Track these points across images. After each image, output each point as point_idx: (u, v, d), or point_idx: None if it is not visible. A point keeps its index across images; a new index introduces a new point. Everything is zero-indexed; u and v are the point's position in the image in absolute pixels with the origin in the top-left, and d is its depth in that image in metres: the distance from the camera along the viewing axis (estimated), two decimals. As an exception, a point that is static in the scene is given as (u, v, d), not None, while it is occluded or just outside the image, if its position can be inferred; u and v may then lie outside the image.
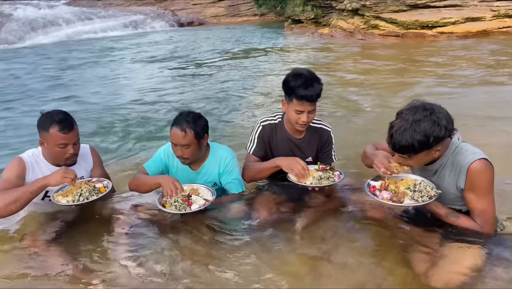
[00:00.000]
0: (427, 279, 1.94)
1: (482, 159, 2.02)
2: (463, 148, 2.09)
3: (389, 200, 2.10)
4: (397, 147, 2.00)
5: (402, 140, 1.95)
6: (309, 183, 2.48)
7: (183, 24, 24.12)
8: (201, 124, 2.55)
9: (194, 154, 2.55)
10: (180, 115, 2.55)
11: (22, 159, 2.52)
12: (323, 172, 2.53)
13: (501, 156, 2.93)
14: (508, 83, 6.26)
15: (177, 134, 2.46)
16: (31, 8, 23.75)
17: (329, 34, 13.76)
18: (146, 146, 4.52)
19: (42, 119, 2.47)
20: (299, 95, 2.47)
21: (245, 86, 7.39)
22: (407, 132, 1.93)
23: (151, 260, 2.20)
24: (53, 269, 2.17)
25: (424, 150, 1.98)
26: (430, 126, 1.92)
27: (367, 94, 6.26)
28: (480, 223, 2.07)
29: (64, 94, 7.57)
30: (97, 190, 2.49)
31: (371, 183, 2.25)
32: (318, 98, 2.53)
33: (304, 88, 2.46)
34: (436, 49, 9.90)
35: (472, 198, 2.06)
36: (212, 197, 2.46)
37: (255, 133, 2.78)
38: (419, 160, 2.05)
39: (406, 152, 2.00)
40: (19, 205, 2.27)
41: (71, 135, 2.46)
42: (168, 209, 2.37)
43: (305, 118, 2.53)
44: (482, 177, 2.02)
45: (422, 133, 1.92)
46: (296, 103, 2.51)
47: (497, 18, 11.64)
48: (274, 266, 2.13)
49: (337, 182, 2.52)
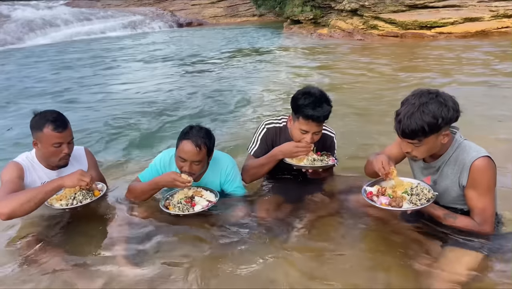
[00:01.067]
0: (428, 280, 1.93)
1: (486, 157, 2.01)
2: (466, 145, 2.08)
3: (388, 205, 2.08)
4: (406, 132, 1.93)
5: (412, 124, 1.90)
6: (303, 164, 2.49)
7: (182, 24, 24.16)
8: (213, 141, 2.48)
9: (201, 170, 2.49)
10: (191, 129, 2.43)
11: (18, 162, 2.50)
12: (318, 156, 2.55)
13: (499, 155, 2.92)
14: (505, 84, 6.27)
15: (191, 149, 2.35)
16: (30, 8, 23.79)
17: (328, 35, 13.78)
18: (144, 146, 4.50)
19: (36, 120, 2.44)
20: (306, 114, 2.40)
21: (244, 87, 7.37)
22: (415, 115, 1.90)
23: (150, 261, 2.19)
24: (50, 270, 2.15)
25: (434, 132, 1.93)
26: (437, 108, 1.90)
27: (367, 94, 6.26)
28: (479, 221, 2.06)
29: (61, 96, 7.52)
30: (91, 194, 2.46)
31: (367, 189, 2.23)
32: (325, 120, 2.47)
33: (312, 108, 2.38)
34: (435, 49, 9.91)
35: (473, 196, 2.05)
36: (215, 198, 2.44)
37: (258, 135, 2.75)
38: (429, 145, 2.00)
39: (416, 136, 1.94)
40: (33, 205, 2.23)
41: (65, 134, 2.43)
42: (171, 210, 2.35)
43: (309, 139, 2.47)
44: (484, 174, 2.01)
45: (430, 115, 1.89)
46: (302, 122, 2.45)
47: (495, 18, 11.67)
48: (275, 267, 2.12)
49: (330, 164, 2.52)
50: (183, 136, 2.41)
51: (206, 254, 2.23)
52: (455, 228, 2.10)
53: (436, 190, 2.17)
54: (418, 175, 2.31)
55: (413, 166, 2.36)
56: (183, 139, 2.39)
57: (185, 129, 2.46)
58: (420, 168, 2.28)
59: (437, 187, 2.18)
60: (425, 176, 2.25)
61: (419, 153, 2.04)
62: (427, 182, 2.21)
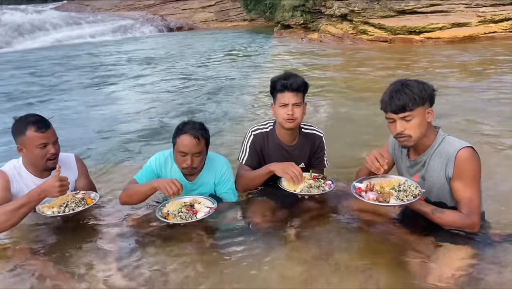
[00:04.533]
0: (421, 279, 1.95)
1: (469, 147, 2.09)
2: (450, 138, 2.18)
3: (375, 200, 2.12)
4: (398, 104, 2.07)
5: (402, 96, 2.06)
6: (298, 190, 2.46)
7: (172, 29, 24.13)
8: (209, 133, 2.54)
9: (202, 163, 2.50)
10: (186, 124, 2.47)
11: (4, 172, 2.46)
12: (314, 181, 2.51)
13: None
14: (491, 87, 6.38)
15: (190, 141, 2.39)
16: (19, 13, 23.55)
17: (318, 39, 13.87)
18: (135, 153, 4.48)
19: (16, 125, 2.40)
20: (280, 85, 2.52)
21: (234, 91, 7.39)
22: (402, 90, 2.08)
23: (142, 269, 2.16)
24: (40, 279, 2.12)
25: (421, 102, 2.08)
26: (418, 84, 2.11)
27: (356, 98, 6.30)
28: (466, 212, 2.08)
29: (46, 102, 7.46)
30: (84, 202, 2.44)
31: (356, 185, 2.28)
32: (301, 89, 2.54)
33: (283, 79, 2.53)
34: (423, 53, 10.03)
35: (459, 187, 2.09)
36: (213, 204, 2.41)
37: (246, 143, 2.75)
38: (419, 120, 2.09)
39: (407, 106, 2.06)
40: (17, 220, 2.24)
41: (49, 134, 2.39)
42: (172, 220, 2.29)
43: (290, 111, 2.52)
44: (469, 164, 2.07)
45: (415, 88, 2.08)
46: (279, 97, 2.54)
47: (483, 23, 11.85)
48: (269, 272, 2.12)
49: (327, 191, 2.49)
50: (179, 132, 2.44)
51: (200, 261, 2.21)
52: (444, 224, 2.13)
53: (425, 185, 2.21)
54: (405, 175, 2.33)
55: (400, 168, 2.41)
56: (180, 135, 2.42)
57: (179, 126, 2.49)
58: (406, 167, 2.33)
59: (426, 183, 2.22)
60: (412, 175, 2.30)
61: (412, 129, 2.11)
62: (415, 180, 2.25)
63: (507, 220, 2.45)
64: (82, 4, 29.34)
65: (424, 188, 2.16)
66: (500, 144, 3.94)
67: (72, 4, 30.03)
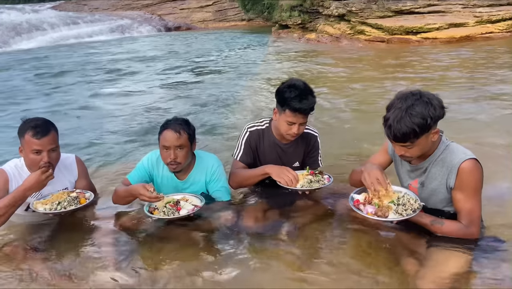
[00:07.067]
0: (415, 280, 1.95)
1: (473, 159, 2.05)
2: (454, 147, 2.12)
3: (374, 215, 2.10)
4: (398, 136, 1.97)
5: (402, 128, 1.94)
6: (299, 187, 2.47)
7: (170, 28, 24.08)
8: (192, 128, 2.57)
9: (186, 158, 2.52)
10: (170, 120, 2.54)
11: (4, 170, 2.47)
12: (313, 176, 2.54)
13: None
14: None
15: (171, 135, 2.44)
16: (16, 12, 23.49)
17: (316, 39, 13.87)
18: (130, 153, 4.48)
19: (21, 126, 2.43)
20: (293, 107, 2.45)
21: (231, 91, 7.37)
22: (405, 119, 1.93)
23: (135, 267, 2.17)
24: (35, 278, 2.12)
25: (424, 132, 1.96)
26: (424, 108, 1.94)
27: (353, 100, 6.30)
28: (466, 223, 2.08)
29: (46, 102, 7.45)
30: (77, 201, 2.44)
31: (354, 197, 2.25)
32: (311, 111, 2.53)
33: (298, 100, 2.44)
34: (420, 54, 10.04)
35: (461, 198, 2.08)
36: (200, 203, 2.43)
37: (242, 139, 2.76)
38: (421, 146, 2.03)
39: (408, 139, 1.97)
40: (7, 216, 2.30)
41: (44, 141, 2.37)
42: (156, 215, 2.34)
43: (296, 130, 2.53)
44: (472, 176, 2.04)
45: (419, 116, 1.93)
46: (288, 115, 2.49)
47: (480, 24, 11.88)
48: (262, 272, 2.12)
49: (327, 184, 2.52)
50: (162, 128, 2.52)
51: (192, 261, 2.22)
52: (443, 234, 2.12)
53: (424, 192, 2.19)
54: (405, 179, 2.32)
55: (399, 170, 2.38)
56: (163, 130, 2.49)
57: (163, 123, 2.56)
58: (407, 171, 2.29)
59: (425, 189, 2.20)
60: (412, 179, 2.27)
61: (413, 153, 2.07)
62: (414, 185, 2.23)
63: (502, 221, 2.46)
64: (79, 4, 29.24)
65: (422, 194, 2.15)
66: (493, 145, 3.93)
67: (70, 4, 29.92)
